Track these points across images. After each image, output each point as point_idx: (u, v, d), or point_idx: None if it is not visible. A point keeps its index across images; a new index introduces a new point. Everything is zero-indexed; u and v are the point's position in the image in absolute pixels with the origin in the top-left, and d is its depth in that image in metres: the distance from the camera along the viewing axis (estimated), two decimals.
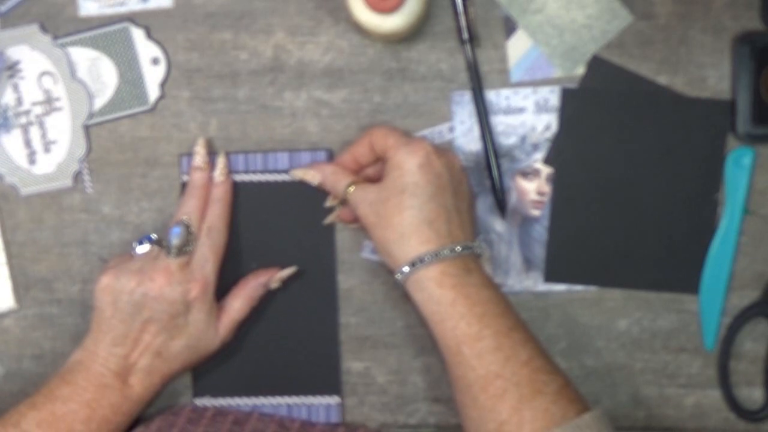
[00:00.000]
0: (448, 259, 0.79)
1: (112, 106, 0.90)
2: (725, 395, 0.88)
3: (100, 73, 0.89)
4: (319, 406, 0.89)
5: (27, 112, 0.89)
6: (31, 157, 0.90)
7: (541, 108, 0.88)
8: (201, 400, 0.89)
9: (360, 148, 0.85)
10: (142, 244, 0.85)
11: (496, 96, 0.88)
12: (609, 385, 0.89)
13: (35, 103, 0.89)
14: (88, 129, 0.90)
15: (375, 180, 0.84)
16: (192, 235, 0.84)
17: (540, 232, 0.89)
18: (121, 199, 0.90)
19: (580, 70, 0.88)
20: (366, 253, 0.89)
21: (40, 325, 0.90)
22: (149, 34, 0.89)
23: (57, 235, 0.90)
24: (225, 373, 0.89)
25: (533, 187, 0.89)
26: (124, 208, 0.90)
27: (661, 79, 0.88)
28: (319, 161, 0.88)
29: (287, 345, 0.89)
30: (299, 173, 0.87)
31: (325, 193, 0.88)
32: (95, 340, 0.83)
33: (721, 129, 0.87)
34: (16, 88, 0.89)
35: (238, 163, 0.89)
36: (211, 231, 0.85)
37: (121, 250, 0.89)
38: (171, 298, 0.82)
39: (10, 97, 0.89)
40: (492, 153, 0.88)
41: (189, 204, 0.86)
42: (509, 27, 0.88)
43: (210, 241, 0.85)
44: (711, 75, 0.88)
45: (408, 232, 0.79)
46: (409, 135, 0.86)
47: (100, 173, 0.90)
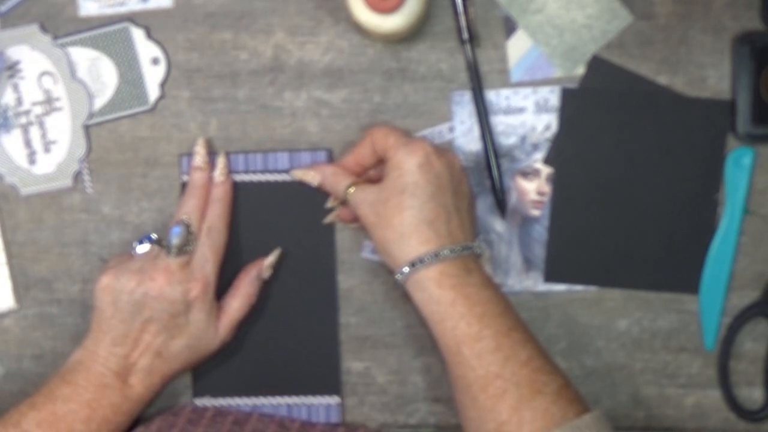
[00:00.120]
0: (447, 260, 0.79)
1: (112, 106, 0.90)
2: (725, 395, 0.88)
3: (100, 73, 0.89)
4: (319, 406, 0.89)
5: (27, 112, 0.89)
6: (31, 157, 0.90)
7: (541, 108, 0.88)
8: (201, 400, 0.89)
9: (362, 150, 0.85)
10: (142, 243, 0.85)
11: (496, 96, 0.88)
12: (609, 385, 0.89)
13: (35, 103, 0.89)
14: (88, 129, 0.90)
15: (377, 181, 0.84)
16: (192, 235, 0.84)
17: (540, 232, 0.89)
18: (121, 199, 0.90)
19: (580, 70, 0.88)
20: (366, 253, 0.89)
21: (40, 325, 0.90)
22: (149, 34, 0.89)
23: (57, 235, 0.90)
24: (225, 373, 0.89)
25: (533, 187, 0.89)
26: (124, 208, 0.90)
27: (661, 79, 0.88)
28: (320, 162, 0.88)
29: (287, 345, 0.89)
30: (299, 174, 0.87)
31: (325, 194, 0.88)
32: (95, 339, 0.83)
33: (721, 129, 0.87)
34: (16, 88, 0.89)
35: (238, 163, 0.89)
36: (211, 231, 0.85)
37: (121, 250, 0.89)
38: (171, 298, 0.82)
39: (10, 97, 0.89)
40: (492, 153, 0.88)
41: (189, 204, 0.86)
42: (509, 27, 0.88)
43: (210, 240, 0.85)
44: (711, 75, 0.88)
45: (408, 233, 0.79)
46: (410, 135, 0.86)
47: (100, 173, 0.90)
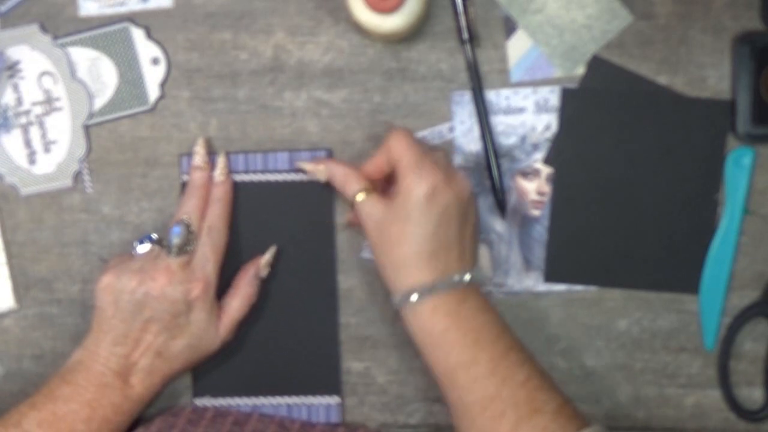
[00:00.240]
0: (442, 292, 0.79)
1: (112, 106, 0.90)
2: (725, 395, 0.88)
3: (100, 73, 0.89)
4: (319, 406, 0.89)
5: (27, 112, 0.89)
6: (31, 157, 0.89)
7: (541, 108, 0.88)
8: (201, 400, 0.89)
9: (380, 158, 0.82)
10: (142, 243, 0.85)
11: (496, 96, 0.88)
12: (609, 385, 0.89)
13: (35, 103, 0.89)
14: (88, 129, 0.90)
15: (388, 192, 0.82)
16: (192, 235, 0.84)
17: (540, 232, 0.89)
18: (121, 199, 0.90)
19: (580, 70, 0.88)
20: (366, 253, 0.89)
21: (40, 325, 0.90)
22: (149, 34, 0.89)
23: (57, 235, 0.90)
24: (225, 373, 0.89)
25: (533, 187, 0.89)
26: (124, 208, 0.90)
27: (661, 79, 0.88)
28: (330, 159, 0.87)
29: (287, 345, 0.89)
30: (309, 166, 0.86)
31: (327, 194, 0.88)
32: (96, 339, 0.83)
33: (721, 129, 0.87)
34: (16, 88, 0.89)
35: (238, 163, 0.89)
36: (212, 231, 0.85)
37: (121, 250, 0.89)
38: (172, 298, 0.82)
39: (10, 97, 0.89)
40: (492, 153, 0.88)
41: (189, 203, 0.85)
42: (509, 27, 0.88)
43: (210, 240, 0.84)
44: (711, 75, 0.88)
45: (407, 263, 0.79)
46: (428, 149, 0.83)
47: (100, 173, 0.90)
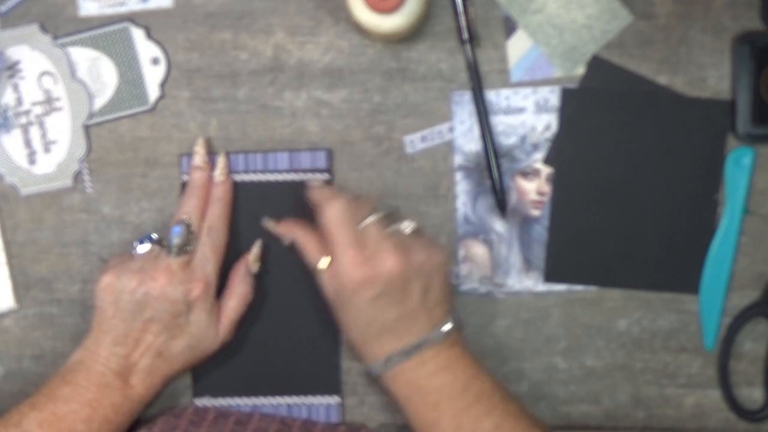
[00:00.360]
0: (401, 361, 0.80)
1: (112, 106, 0.90)
2: (725, 395, 0.88)
3: (100, 73, 0.89)
4: (319, 406, 0.89)
5: (27, 112, 0.89)
6: (31, 157, 0.89)
7: (541, 108, 0.88)
8: (201, 401, 0.89)
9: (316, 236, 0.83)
10: (142, 243, 0.85)
11: (496, 96, 0.88)
12: (609, 385, 0.89)
13: (35, 103, 0.89)
14: (88, 129, 0.90)
15: None
16: (193, 235, 0.84)
17: (540, 232, 0.89)
18: (121, 199, 0.90)
19: (580, 70, 0.88)
20: None
21: (40, 325, 0.90)
22: (149, 34, 0.89)
23: (57, 235, 0.90)
24: (225, 373, 0.89)
25: (533, 187, 0.89)
26: (124, 208, 0.90)
27: (661, 79, 0.88)
28: (294, 223, 0.86)
29: (287, 345, 0.89)
30: (271, 225, 0.87)
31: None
32: (96, 339, 0.83)
33: (721, 129, 0.87)
34: (16, 88, 0.89)
35: (238, 163, 0.89)
36: (212, 230, 0.85)
37: (121, 250, 0.89)
38: (173, 298, 0.82)
39: (10, 97, 0.89)
40: (492, 153, 0.88)
41: (189, 203, 0.86)
42: (509, 27, 0.88)
43: (211, 240, 0.84)
44: (711, 75, 0.88)
45: (359, 344, 0.82)
46: (364, 217, 0.81)
47: (100, 173, 0.90)
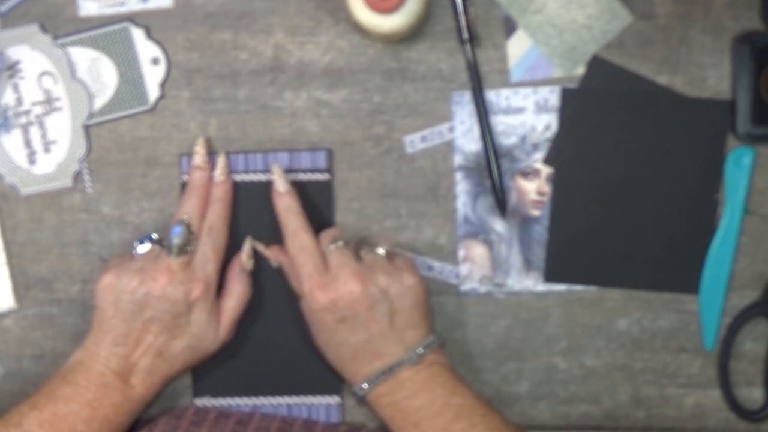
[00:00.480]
0: (379, 382, 0.81)
1: (112, 106, 0.90)
2: (725, 395, 0.88)
3: (100, 73, 0.89)
4: (319, 406, 0.89)
5: (27, 112, 0.89)
6: (31, 157, 0.89)
7: (541, 108, 0.88)
8: (201, 401, 0.89)
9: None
10: (142, 243, 0.85)
11: (496, 96, 0.88)
12: (609, 385, 0.89)
13: (35, 103, 0.89)
14: (88, 129, 0.90)
15: None
16: (193, 235, 0.84)
17: (540, 232, 0.89)
18: (121, 199, 0.90)
19: (580, 70, 0.88)
20: None
21: (40, 325, 0.90)
22: (149, 34, 0.89)
23: (57, 235, 0.90)
24: (225, 373, 0.89)
25: (533, 187, 0.89)
26: (124, 208, 0.90)
27: (661, 79, 0.88)
28: (281, 249, 0.86)
29: (287, 345, 0.89)
30: (260, 247, 0.87)
31: (326, 194, 0.88)
32: (96, 339, 0.83)
33: (721, 129, 0.88)
34: (16, 88, 0.89)
35: (238, 163, 0.89)
36: (212, 230, 0.85)
37: (121, 250, 0.89)
38: (173, 298, 0.82)
39: (10, 97, 0.89)
40: (492, 153, 0.88)
41: (189, 203, 0.85)
42: (509, 27, 0.88)
43: (211, 240, 0.84)
44: (711, 75, 0.88)
45: (338, 367, 0.84)
46: (330, 242, 0.84)
47: (100, 173, 0.90)
